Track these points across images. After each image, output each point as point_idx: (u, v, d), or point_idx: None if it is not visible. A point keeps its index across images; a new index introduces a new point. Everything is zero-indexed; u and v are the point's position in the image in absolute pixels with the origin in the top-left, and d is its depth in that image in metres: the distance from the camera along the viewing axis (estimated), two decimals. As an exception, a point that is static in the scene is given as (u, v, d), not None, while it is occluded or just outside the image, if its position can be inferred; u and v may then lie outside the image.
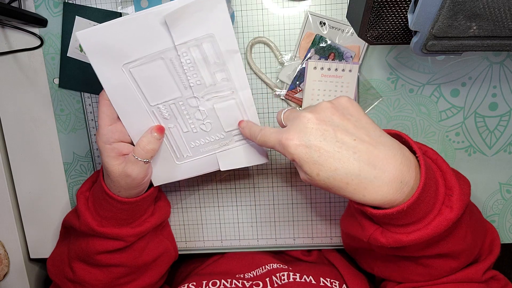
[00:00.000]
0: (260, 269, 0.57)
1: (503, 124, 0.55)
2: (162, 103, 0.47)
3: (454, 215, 0.37)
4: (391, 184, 0.36)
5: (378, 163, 0.36)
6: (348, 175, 0.36)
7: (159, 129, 0.47)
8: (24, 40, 0.56)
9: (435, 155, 0.43)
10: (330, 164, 0.36)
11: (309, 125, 0.37)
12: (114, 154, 0.46)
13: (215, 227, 0.62)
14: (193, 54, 0.44)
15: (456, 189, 0.38)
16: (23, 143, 0.60)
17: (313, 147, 0.36)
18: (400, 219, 0.38)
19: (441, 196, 0.38)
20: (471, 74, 0.54)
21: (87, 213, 0.50)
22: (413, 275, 0.46)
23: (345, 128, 0.37)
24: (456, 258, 0.43)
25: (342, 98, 0.39)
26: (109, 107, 0.46)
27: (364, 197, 0.36)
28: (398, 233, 0.39)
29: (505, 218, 0.59)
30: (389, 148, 0.36)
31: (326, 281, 0.52)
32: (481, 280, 0.45)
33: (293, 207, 0.60)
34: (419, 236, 0.38)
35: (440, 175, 0.40)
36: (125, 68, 0.44)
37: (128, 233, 0.51)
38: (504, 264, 1.06)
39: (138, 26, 0.42)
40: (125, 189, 0.47)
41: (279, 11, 0.53)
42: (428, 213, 0.38)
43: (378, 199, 0.36)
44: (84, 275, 0.52)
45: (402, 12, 0.39)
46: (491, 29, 0.35)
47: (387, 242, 0.39)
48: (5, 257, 0.63)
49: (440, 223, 0.37)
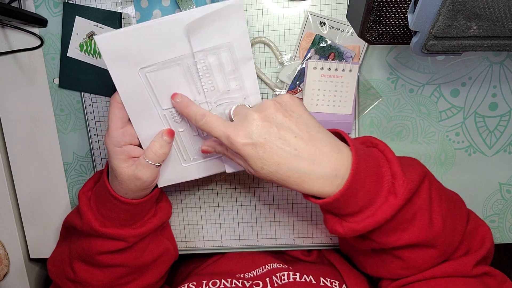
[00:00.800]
0: (260, 269, 0.57)
1: (503, 124, 0.55)
2: None
3: (399, 201, 0.40)
4: (326, 177, 0.40)
5: (315, 158, 0.40)
6: (289, 170, 0.40)
7: (169, 133, 0.48)
8: (24, 40, 0.56)
9: (384, 147, 0.45)
10: (274, 160, 0.40)
11: (255, 123, 0.40)
12: (124, 157, 0.46)
13: (215, 227, 0.62)
14: (210, 60, 0.45)
15: (399, 176, 0.41)
16: (23, 143, 0.60)
17: (259, 144, 0.40)
18: (344, 208, 0.41)
19: (386, 184, 0.41)
20: (471, 74, 0.54)
21: (90, 213, 0.50)
22: (397, 269, 0.47)
23: (287, 126, 0.40)
24: (432, 246, 0.44)
25: (285, 96, 0.43)
26: (121, 110, 0.46)
27: (303, 189, 0.40)
28: (351, 222, 0.41)
29: (505, 218, 0.59)
30: (325, 144, 0.40)
31: (326, 281, 0.52)
32: (471, 273, 0.46)
33: (293, 207, 0.60)
34: (369, 223, 0.40)
35: (386, 164, 0.42)
36: (142, 72, 0.45)
37: (130, 233, 0.51)
38: (504, 264, 1.06)
39: (156, 33, 0.43)
40: (133, 191, 0.48)
41: (279, 11, 0.53)
42: (373, 200, 0.40)
43: (315, 190, 0.40)
44: (85, 275, 0.53)
45: (402, 12, 0.39)
46: (491, 29, 0.35)
47: (344, 232, 0.42)
48: (5, 257, 0.63)
49: (386, 210, 0.40)
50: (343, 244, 0.57)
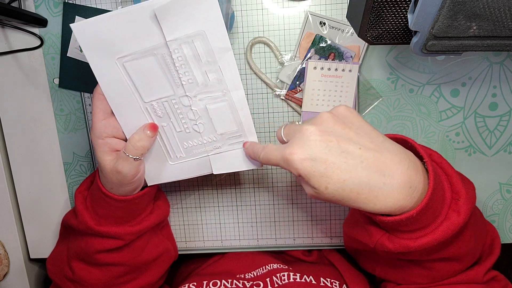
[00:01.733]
0: (260, 269, 0.57)
1: (503, 124, 0.55)
2: (155, 100, 0.46)
3: (461, 219, 0.37)
4: (401, 190, 0.35)
5: (386, 169, 0.35)
6: (358, 185, 0.35)
7: (152, 127, 0.47)
8: (24, 40, 0.56)
9: (440, 159, 0.42)
10: (338, 176, 0.35)
11: (312, 138, 0.36)
12: (107, 149, 0.46)
13: (215, 227, 0.62)
14: (184, 51, 0.43)
15: (463, 193, 0.38)
16: (23, 143, 0.60)
17: (319, 159, 0.35)
18: (410, 225, 0.37)
19: (448, 201, 0.38)
20: (471, 74, 0.54)
21: (85, 212, 0.50)
22: (415, 277, 0.46)
23: (348, 137, 0.36)
24: (459, 260, 0.43)
25: (340, 107, 0.39)
26: (103, 101, 0.46)
27: (375, 206, 0.36)
28: (405, 239, 0.39)
29: (505, 218, 0.59)
30: (394, 153, 0.36)
31: (326, 281, 0.52)
32: (482, 281, 0.45)
33: (293, 207, 0.60)
34: (427, 241, 0.37)
35: (446, 179, 0.40)
36: (119, 62, 0.44)
37: (126, 231, 0.51)
38: (504, 264, 1.06)
39: (129, 20, 0.42)
40: (117, 185, 0.47)
41: (279, 11, 0.53)
42: (436, 218, 0.37)
43: (389, 206, 0.36)
44: (84, 274, 0.53)
45: (402, 12, 0.39)
46: (491, 29, 0.35)
47: (394, 248, 0.39)
48: (5, 257, 0.63)
49: (447, 228, 0.37)
50: (351, 246, 0.56)
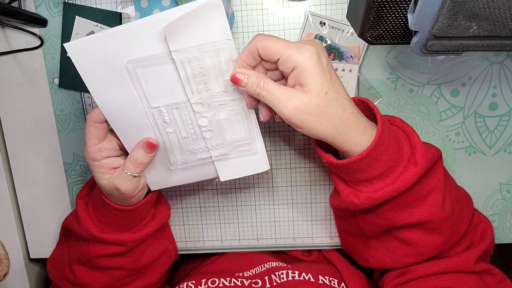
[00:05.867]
0: (259, 267, 0.57)
1: (503, 124, 0.55)
2: (164, 106, 0.45)
3: (419, 170, 0.41)
4: (365, 128, 0.40)
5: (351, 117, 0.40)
6: (347, 103, 0.40)
7: (149, 146, 0.45)
8: (24, 40, 0.56)
9: (401, 122, 0.46)
10: (337, 86, 0.39)
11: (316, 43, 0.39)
12: (104, 170, 0.46)
13: (215, 227, 0.62)
14: (207, 61, 0.43)
15: (419, 146, 0.42)
16: (23, 143, 0.60)
17: (326, 67, 0.38)
18: (364, 171, 0.41)
19: (406, 155, 0.42)
20: (471, 74, 0.54)
21: (88, 219, 0.50)
22: (403, 257, 0.47)
23: None
24: (439, 231, 0.44)
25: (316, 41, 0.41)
26: (97, 129, 0.44)
27: (350, 131, 0.40)
28: (368, 192, 0.42)
29: (505, 218, 0.59)
30: None
31: (324, 279, 0.52)
32: (473, 269, 0.46)
33: (293, 207, 0.60)
34: (387, 191, 0.41)
35: (405, 137, 0.44)
36: (131, 66, 0.43)
37: (129, 238, 0.51)
38: (504, 264, 1.06)
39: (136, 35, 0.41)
40: (119, 200, 0.47)
41: (279, 11, 0.53)
42: (393, 169, 0.41)
43: (356, 139, 0.40)
44: (85, 277, 0.53)
45: (402, 12, 0.39)
46: (491, 29, 0.35)
47: (360, 202, 0.43)
48: (5, 257, 0.63)
49: (405, 178, 0.41)
50: (344, 236, 0.57)
